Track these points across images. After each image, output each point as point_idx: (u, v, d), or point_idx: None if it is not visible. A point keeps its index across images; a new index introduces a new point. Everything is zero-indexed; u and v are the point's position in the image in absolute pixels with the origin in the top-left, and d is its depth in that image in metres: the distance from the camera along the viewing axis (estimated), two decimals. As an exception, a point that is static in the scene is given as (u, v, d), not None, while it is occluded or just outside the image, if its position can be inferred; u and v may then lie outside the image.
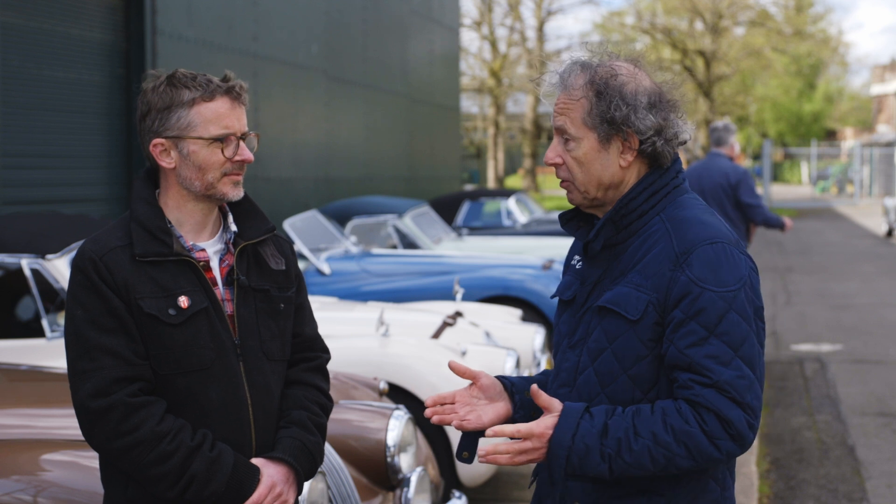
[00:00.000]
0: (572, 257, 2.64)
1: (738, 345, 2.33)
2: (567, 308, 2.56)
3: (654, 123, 2.43)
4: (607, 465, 2.33)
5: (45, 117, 10.10)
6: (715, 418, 2.31)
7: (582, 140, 2.45)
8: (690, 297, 2.33)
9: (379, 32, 18.99)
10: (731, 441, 2.32)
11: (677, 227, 2.42)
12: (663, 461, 2.32)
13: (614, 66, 2.46)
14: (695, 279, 2.34)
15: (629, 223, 2.46)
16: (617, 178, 2.47)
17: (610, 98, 2.42)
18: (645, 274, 2.39)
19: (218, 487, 2.56)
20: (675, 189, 2.50)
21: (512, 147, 58.07)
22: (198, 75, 2.63)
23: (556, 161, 2.50)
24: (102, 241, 2.60)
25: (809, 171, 54.35)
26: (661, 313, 2.37)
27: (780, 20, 47.07)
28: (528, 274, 9.10)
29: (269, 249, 2.76)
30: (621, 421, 2.35)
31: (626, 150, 2.45)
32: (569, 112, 2.46)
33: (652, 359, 2.39)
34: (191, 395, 2.60)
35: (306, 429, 2.73)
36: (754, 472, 6.62)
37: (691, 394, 2.32)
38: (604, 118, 2.42)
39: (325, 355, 2.89)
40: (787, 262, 19.86)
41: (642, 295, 2.38)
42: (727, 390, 2.30)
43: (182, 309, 2.57)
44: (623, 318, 2.39)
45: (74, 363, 2.56)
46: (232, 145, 2.63)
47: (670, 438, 2.31)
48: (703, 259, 2.35)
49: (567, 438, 2.35)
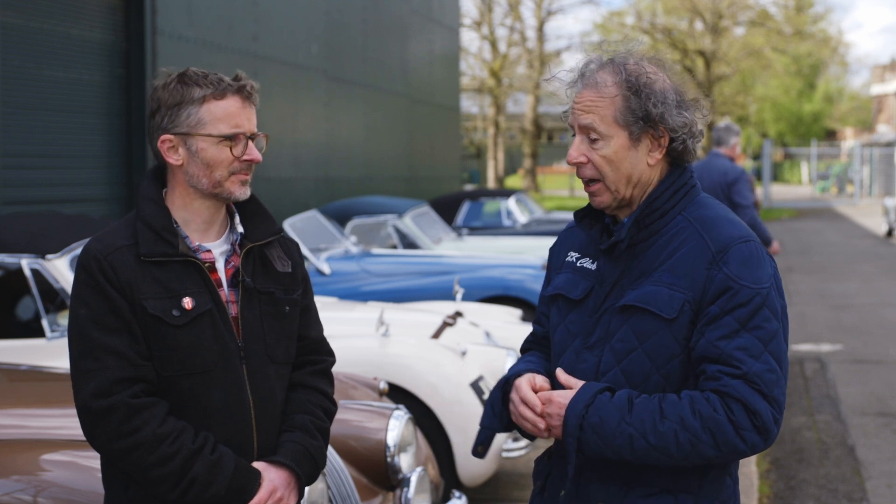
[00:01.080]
0: (566, 254, 2.62)
1: (768, 340, 2.36)
2: (575, 307, 2.53)
3: (686, 121, 2.45)
4: (628, 444, 2.34)
5: (45, 117, 10.10)
6: (742, 409, 2.32)
7: (612, 138, 2.44)
8: (730, 293, 2.36)
9: (379, 32, 18.99)
10: (757, 433, 2.34)
11: (707, 227, 2.44)
12: (688, 447, 2.33)
13: (643, 65, 2.46)
14: (733, 276, 2.37)
15: (651, 222, 2.47)
16: (645, 177, 2.47)
17: (647, 95, 2.42)
18: (677, 273, 2.40)
19: (218, 490, 2.54)
20: (692, 189, 2.52)
21: (512, 147, 58.08)
22: (209, 73, 2.62)
23: (581, 160, 2.48)
24: (108, 241, 2.58)
25: (809, 171, 54.38)
26: (696, 311, 2.39)
27: (780, 20, 47.08)
28: (527, 274, 9.11)
29: (275, 251, 2.74)
30: (648, 403, 2.36)
31: (654, 148, 2.46)
32: (597, 110, 2.44)
33: (684, 357, 2.40)
34: (193, 397, 2.58)
35: (309, 433, 2.71)
36: (754, 472, 6.62)
37: (720, 385, 2.34)
38: (639, 116, 2.42)
39: (330, 359, 2.87)
40: (787, 262, 19.87)
41: (677, 293, 2.39)
42: (756, 382, 2.33)
43: (186, 310, 2.55)
44: (656, 317, 2.39)
45: (77, 362, 2.55)
46: (241, 144, 2.61)
47: (698, 424, 2.32)
48: (739, 257, 2.39)
49: (580, 407, 2.37)
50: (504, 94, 45.37)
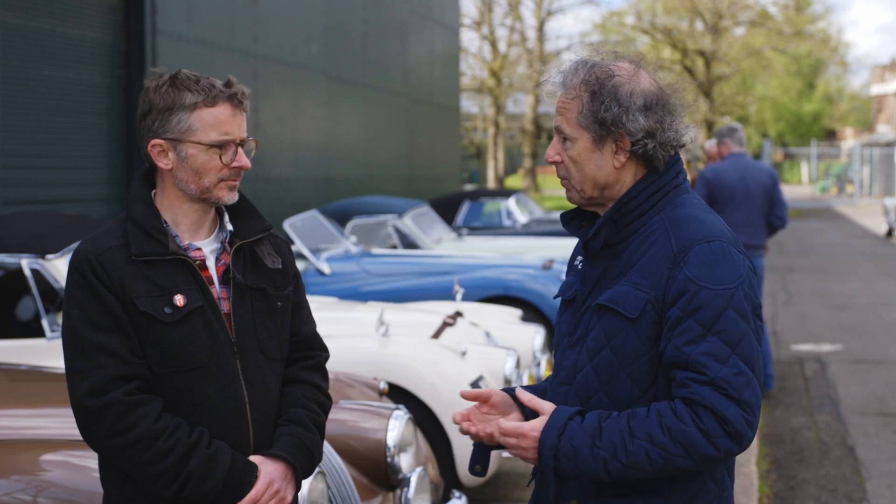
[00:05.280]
0: (575, 258, 2.65)
1: (736, 342, 2.33)
2: (568, 307, 2.58)
3: (646, 126, 2.44)
4: (602, 467, 2.35)
5: (45, 117, 10.10)
6: (712, 416, 2.31)
7: (577, 140, 2.47)
8: (688, 294, 2.34)
9: (379, 32, 18.99)
10: (729, 439, 2.32)
11: (675, 226, 2.43)
12: (661, 461, 2.33)
13: (612, 67, 2.46)
14: (692, 277, 2.35)
15: (629, 222, 2.47)
16: (612, 179, 2.48)
17: (602, 98, 2.43)
18: (643, 273, 2.41)
19: (215, 485, 2.56)
20: (675, 189, 2.51)
21: (512, 147, 58.06)
22: (201, 78, 2.63)
23: (556, 159, 2.52)
24: (98, 241, 2.61)
25: (809, 171, 54.33)
26: (660, 312, 2.38)
27: (780, 20, 47.07)
28: (527, 274, 9.10)
29: (265, 248, 2.76)
30: (616, 423, 2.36)
31: (619, 151, 2.46)
32: (565, 112, 2.48)
33: (650, 357, 2.40)
34: (188, 393, 2.60)
35: (305, 426, 2.72)
36: (754, 472, 6.62)
37: (688, 392, 2.33)
38: (595, 118, 2.44)
39: (323, 353, 2.89)
40: (787, 262, 19.86)
41: (640, 293, 2.39)
42: (724, 387, 2.31)
43: (178, 307, 2.58)
44: (622, 317, 2.40)
45: (71, 362, 2.57)
46: (230, 152, 2.63)
47: (666, 439, 2.32)
48: (700, 257, 2.36)
49: (553, 438, 2.37)
50: (504, 94, 45.35)
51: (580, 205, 2.56)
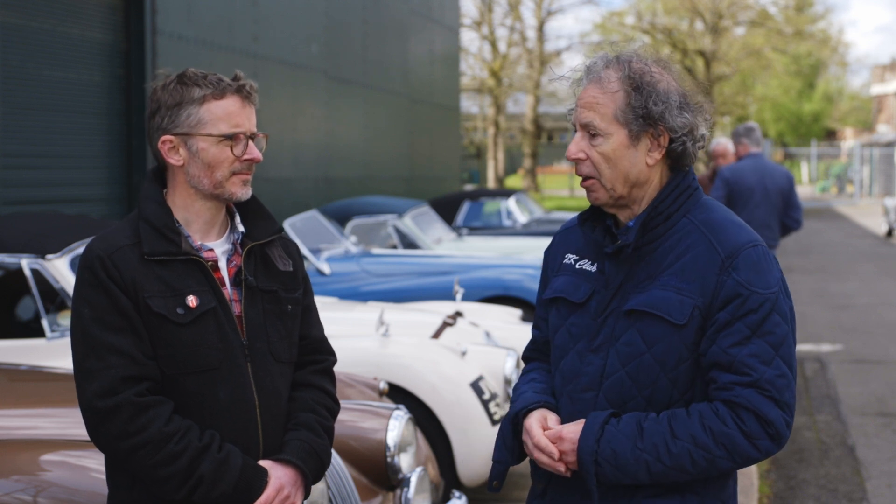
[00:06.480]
0: (563, 256, 2.61)
1: (779, 344, 2.36)
2: (577, 310, 2.52)
3: (687, 123, 2.44)
4: (645, 469, 2.35)
5: (45, 117, 10.10)
6: (754, 419, 2.34)
7: (611, 136, 2.43)
8: (739, 299, 2.36)
9: (379, 32, 18.99)
10: (770, 440, 2.35)
11: (713, 230, 2.43)
12: (704, 463, 2.35)
13: (647, 64, 2.45)
14: (743, 282, 2.37)
15: (656, 225, 2.45)
16: (643, 177, 2.45)
17: (648, 93, 2.41)
18: (685, 278, 2.39)
19: (226, 489, 2.53)
20: (696, 191, 2.50)
21: (512, 147, 58.07)
22: (208, 74, 2.62)
23: (579, 156, 2.46)
24: (110, 240, 2.57)
25: (809, 171, 54.33)
26: (706, 317, 2.38)
27: (780, 20, 47.07)
28: (527, 274, 9.10)
29: (276, 251, 2.73)
30: (657, 425, 2.36)
31: (654, 148, 2.44)
32: (598, 107, 2.43)
33: (692, 361, 2.40)
34: (198, 395, 2.57)
35: (315, 432, 2.70)
36: (754, 472, 6.62)
37: (731, 395, 2.34)
38: (639, 113, 2.41)
39: (331, 358, 2.86)
40: (787, 262, 19.87)
41: (686, 299, 2.38)
42: (767, 389, 2.33)
43: (190, 308, 2.54)
44: (667, 323, 2.38)
45: (81, 362, 2.53)
46: (241, 144, 2.61)
47: (710, 440, 2.34)
48: (748, 262, 2.38)
49: (591, 442, 2.37)
50: (504, 94, 45.37)
51: (604, 205, 2.50)
